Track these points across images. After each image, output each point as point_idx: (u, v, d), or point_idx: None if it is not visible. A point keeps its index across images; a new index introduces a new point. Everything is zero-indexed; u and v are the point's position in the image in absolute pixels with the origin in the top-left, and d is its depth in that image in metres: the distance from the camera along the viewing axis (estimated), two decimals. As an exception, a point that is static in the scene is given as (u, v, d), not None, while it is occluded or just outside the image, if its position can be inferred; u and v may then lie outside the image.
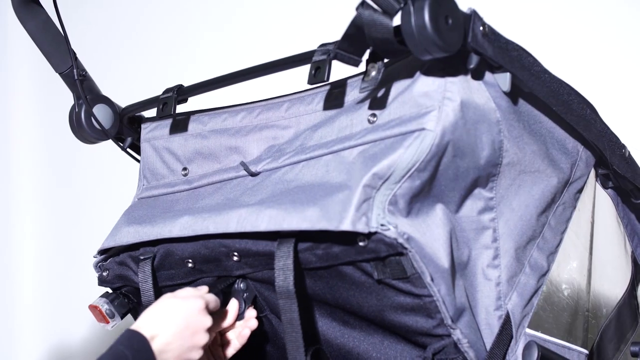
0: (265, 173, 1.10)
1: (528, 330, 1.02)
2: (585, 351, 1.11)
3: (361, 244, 0.91)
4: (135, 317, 1.27)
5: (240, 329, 1.13)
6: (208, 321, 1.02)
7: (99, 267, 1.26)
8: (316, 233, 0.94)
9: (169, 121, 1.25)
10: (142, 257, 1.17)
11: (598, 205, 1.20)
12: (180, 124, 1.24)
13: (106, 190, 2.46)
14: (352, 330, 1.07)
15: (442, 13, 0.84)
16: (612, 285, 1.26)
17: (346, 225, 0.89)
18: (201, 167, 1.21)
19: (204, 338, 1.01)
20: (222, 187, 1.16)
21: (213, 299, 1.05)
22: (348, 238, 0.92)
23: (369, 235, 0.90)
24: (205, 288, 1.08)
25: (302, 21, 2.05)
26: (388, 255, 0.91)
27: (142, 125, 1.30)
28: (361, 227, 0.89)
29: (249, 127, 1.15)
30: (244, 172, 1.12)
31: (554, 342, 1.05)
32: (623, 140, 1.16)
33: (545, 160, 1.06)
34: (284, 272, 0.97)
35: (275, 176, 1.07)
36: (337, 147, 1.01)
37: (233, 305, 1.12)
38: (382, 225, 0.89)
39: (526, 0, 1.76)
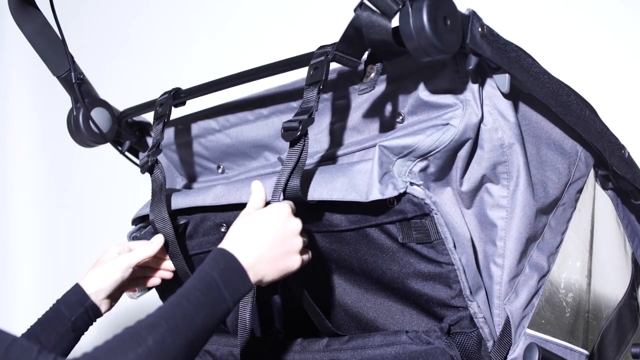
0: None
1: (528, 331, 1.02)
2: (586, 352, 1.10)
3: (390, 205, 0.96)
4: (162, 291, 1.31)
5: (158, 273, 1.20)
6: (297, 224, 0.95)
7: (132, 237, 1.29)
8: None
9: (183, 126, 1.26)
10: (176, 225, 1.22)
11: (598, 206, 1.19)
12: (193, 127, 1.27)
13: (105, 193, 2.45)
14: (372, 297, 1.09)
15: (440, 14, 0.83)
16: (612, 287, 1.26)
17: (375, 195, 0.94)
18: (235, 163, 1.25)
19: (298, 241, 0.95)
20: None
21: (292, 205, 0.98)
22: (378, 201, 0.96)
23: (398, 197, 0.95)
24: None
25: (300, 23, 2.05)
26: (414, 217, 0.96)
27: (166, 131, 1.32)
28: (389, 193, 0.94)
29: (265, 121, 1.18)
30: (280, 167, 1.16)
31: (555, 342, 1.05)
32: (623, 141, 1.16)
33: (544, 162, 1.06)
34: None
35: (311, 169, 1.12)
36: (369, 144, 1.05)
37: (157, 239, 1.15)
38: (410, 183, 0.94)
39: (526, 0, 1.75)
